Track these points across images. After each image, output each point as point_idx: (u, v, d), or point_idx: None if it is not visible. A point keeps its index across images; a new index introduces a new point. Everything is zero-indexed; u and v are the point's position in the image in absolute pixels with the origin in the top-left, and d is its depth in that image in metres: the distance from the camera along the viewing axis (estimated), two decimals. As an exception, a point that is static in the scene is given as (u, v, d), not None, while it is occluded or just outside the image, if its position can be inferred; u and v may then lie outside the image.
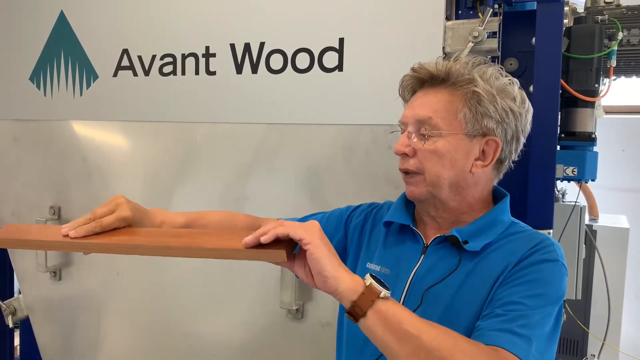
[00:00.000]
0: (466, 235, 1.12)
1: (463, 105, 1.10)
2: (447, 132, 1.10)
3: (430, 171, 1.11)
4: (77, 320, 2.35)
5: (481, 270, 1.09)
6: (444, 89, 1.12)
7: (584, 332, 2.46)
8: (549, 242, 1.10)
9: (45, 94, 2.25)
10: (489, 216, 1.16)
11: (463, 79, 1.10)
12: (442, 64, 1.13)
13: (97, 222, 1.16)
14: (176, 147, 2.05)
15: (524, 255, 1.06)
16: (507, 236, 1.13)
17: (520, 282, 1.03)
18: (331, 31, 1.72)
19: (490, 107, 1.09)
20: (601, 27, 1.79)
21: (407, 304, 1.13)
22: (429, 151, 1.11)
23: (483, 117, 1.10)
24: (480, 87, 1.09)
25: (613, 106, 3.97)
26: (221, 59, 1.89)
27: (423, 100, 1.14)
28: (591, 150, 1.87)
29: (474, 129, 1.10)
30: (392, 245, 1.23)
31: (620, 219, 2.93)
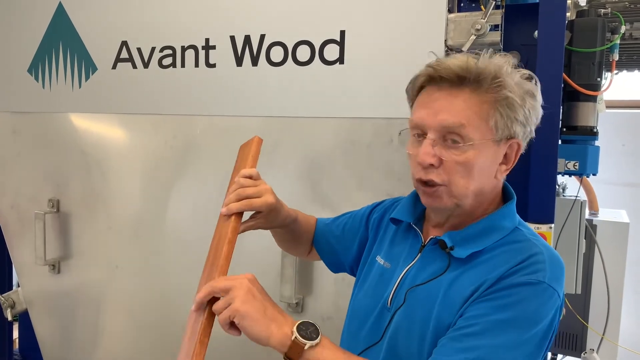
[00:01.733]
0: (456, 241, 1.07)
1: (495, 110, 1.00)
2: (479, 141, 1.01)
3: (458, 184, 1.03)
4: (76, 313, 2.34)
5: (465, 279, 1.03)
6: (472, 91, 1.01)
7: (583, 326, 2.46)
8: (539, 258, 1.00)
9: (43, 86, 2.24)
10: (485, 222, 1.09)
11: (495, 81, 1.00)
12: (469, 63, 1.01)
13: (248, 202, 1.19)
14: (176, 140, 2.04)
15: (504, 273, 0.99)
16: (504, 245, 1.06)
17: (488, 305, 0.97)
18: (332, 23, 1.71)
19: (520, 111, 1.02)
20: (604, 20, 1.78)
21: (394, 300, 1.12)
22: (458, 162, 1.01)
23: (513, 123, 1.02)
24: (513, 92, 1.00)
25: (613, 100, 3.96)
26: (221, 51, 1.88)
27: (447, 103, 1.02)
28: (593, 144, 1.86)
29: (502, 134, 1.02)
30: (399, 242, 1.23)
31: (620, 213, 2.92)
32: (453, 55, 1.06)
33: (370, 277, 1.24)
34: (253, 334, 0.96)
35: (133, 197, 2.16)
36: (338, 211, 1.80)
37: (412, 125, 1.07)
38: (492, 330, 0.95)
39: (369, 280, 1.24)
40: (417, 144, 1.06)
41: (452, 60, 1.03)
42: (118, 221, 2.19)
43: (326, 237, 1.44)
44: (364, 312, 1.19)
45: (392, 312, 1.12)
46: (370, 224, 1.36)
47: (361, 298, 1.23)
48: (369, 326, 1.16)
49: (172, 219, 2.08)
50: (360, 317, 1.20)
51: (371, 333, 1.15)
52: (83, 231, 2.28)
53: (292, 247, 1.49)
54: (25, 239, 2.37)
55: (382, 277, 1.19)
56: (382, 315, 1.14)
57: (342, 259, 1.41)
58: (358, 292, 1.26)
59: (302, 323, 0.97)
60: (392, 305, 1.12)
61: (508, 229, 1.08)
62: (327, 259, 1.46)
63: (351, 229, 1.39)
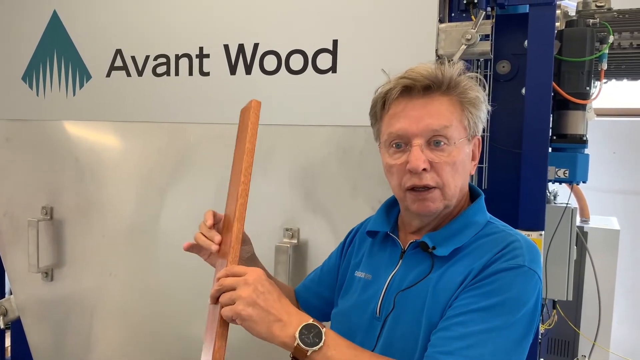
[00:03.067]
0: (436, 241, 1.11)
1: (465, 111, 1.09)
2: (459, 140, 1.08)
3: (450, 184, 1.08)
4: (69, 321, 2.33)
5: (450, 275, 1.07)
6: (444, 95, 1.09)
7: (574, 332, 2.48)
8: (517, 245, 1.05)
9: (37, 93, 2.24)
10: (461, 219, 1.14)
11: (462, 85, 1.09)
12: (436, 70, 1.09)
13: None
14: (170, 147, 2.05)
15: (487, 262, 1.03)
16: (481, 238, 1.11)
17: (474, 294, 1.01)
18: (325, 33, 1.73)
19: (483, 109, 1.12)
20: (592, 30, 1.81)
21: (383, 308, 1.14)
22: (447, 163, 1.07)
23: (477, 121, 1.12)
24: (475, 94, 1.10)
25: (604, 108, 4.00)
26: (215, 60, 1.89)
27: (426, 109, 1.07)
28: (582, 152, 1.88)
29: (472, 132, 1.11)
30: (376, 253, 1.25)
31: (611, 220, 2.95)
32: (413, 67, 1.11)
33: (351, 292, 1.25)
34: (255, 335, 1.00)
35: (127, 204, 2.16)
36: (331, 218, 1.81)
37: (393, 137, 1.10)
38: (482, 317, 0.98)
39: (352, 295, 1.25)
40: (399, 154, 1.09)
41: (420, 70, 1.08)
42: (112, 229, 2.19)
43: (308, 289, 1.45)
44: (351, 326, 1.19)
45: (383, 319, 1.13)
46: (344, 250, 1.39)
47: (346, 313, 1.23)
48: (359, 339, 1.15)
49: (166, 226, 2.08)
50: (349, 331, 1.18)
51: (362, 345, 1.12)
52: (76, 239, 2.27)
53: None
54: (18, 247, 2.37)
55: (365, 290, 1.21)
56: (372, 325, 1.15)
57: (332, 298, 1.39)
58: (342, 308, 1.27)
59: (305, 327, 0.98)
60: (382, 313, 1.14)
61: (481, 224, 1.14)
62: (319, 310, 1.41)
63: (330, 267, 1.42)
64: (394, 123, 1.10)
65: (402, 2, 1.64)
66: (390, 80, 1.12)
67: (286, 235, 1.85)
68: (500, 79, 1.81)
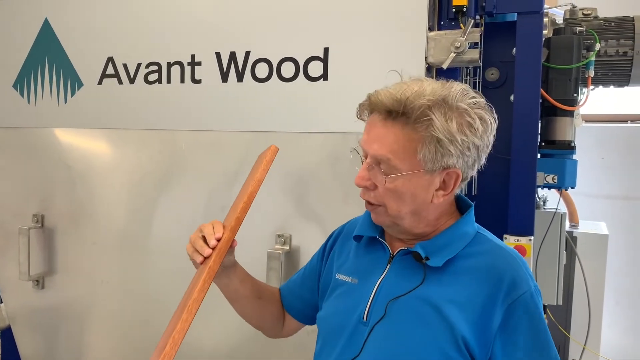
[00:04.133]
0: (429, 251, 1.12)
1: (422, 146, 1.03)
2: (407, 172, 1.05)
3: (391, 207, 1.09)
4: (60, 330, 2.32)
5: (449, 284, 1.09)
6: (401, 126, 1.04)
7: (565, 337, 2.49)
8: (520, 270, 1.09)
9: (29, 101, 2.24)
10: (453, 230, 1.14)
11: (421, 119, 1.02)
12: (400, 96, 1.03)
13: None
14: (161, 155, 2.05)
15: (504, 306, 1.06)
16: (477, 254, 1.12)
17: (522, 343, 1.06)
18: (316, 41, 1.74)
19: (450, 147, 1.03)
20: (579, 38, 1.84)
21: (371, 314, 1.14)
22: (388, 189, 1.07)
23: (443, 157, 1.04)
24: (439, 131, 1.01)
25: (593, 115, 4.04)
26: (207, 68, 1.90)
27: (380, 133, 1.06)
28: (571, 158, 1.90)
29: (434, 166, 1.05)
30: (361, 256, 1.25)
31: (600, 225, 2.98)
32: (394, 84, 1.08)
33: (335, 295, 1.25)
34: None
35: (118, 212, 2.16)
36: (324, 225, 1.82)
37: (360, 146, 1.13)
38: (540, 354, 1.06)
39: (337, 298, 1.24)
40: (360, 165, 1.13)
41: (387, 92, 1.05)
42: (103, 236, 2.19)
43: (292, 291, 1.44)
44: (336, 330, 1.19)
45: (370, 325, 1.13)
46: (326, 253, 1.38)
47: (331, 316, 1.24)
48: (343, 343, 1.16)
49: (157, 233, 2.08)
50: (334, 335, 1.19)
51: (347, 349, 1.15)
52: (68, 246, 2.27)
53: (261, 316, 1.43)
54: (9, 254, 2.35)
55: (350, 294, 1.20)
56: (358, 330, 1.15)
57: (315, 301, 1.39)
58: (326, 311, 1.27)
59: None
60: (370, 319, 1.14)
61: (472, 235, 1.15)
62: (302, 313, 1.42)
63: (311, 269, 1.41)
64: (363, 134, 1.12)
65: (392, 11, 1.66)
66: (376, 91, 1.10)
67: (278, 242, 1.85)
68: (489, 86, 1.83)
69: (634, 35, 1.93)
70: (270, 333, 1.47)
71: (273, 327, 1.45)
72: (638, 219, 3.81)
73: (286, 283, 1.48)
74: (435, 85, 1.06)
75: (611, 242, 2.76)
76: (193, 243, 1.21)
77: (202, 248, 1.18)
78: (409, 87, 1.05)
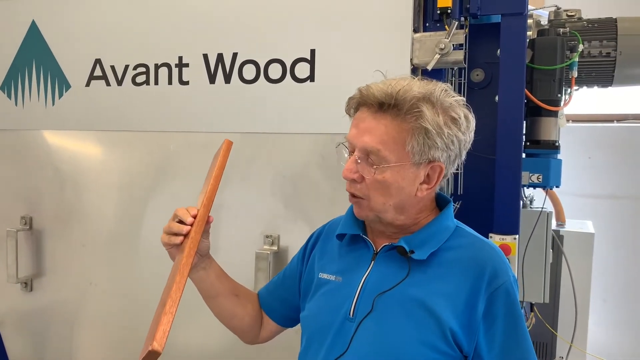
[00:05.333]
0: (413, 245, 1.15)
1: (411, 137, 1.07)
2: (395, 164, 1.09)
3: (377, 200, 1.12)
4: (49, 332, 2.32)
5: (433, 277, 1.13)
6: (392, 117, 1.08)
7: (552, 335, 2.52)
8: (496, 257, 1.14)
9: (16, 103, 2.23)
10: (434, 224, 1.18)
11: (412, 111, 1.07)
12: (391, 90, 1.08)
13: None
14: (150, 156, 2.05)
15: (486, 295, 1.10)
16: (457, 247, 1.17)
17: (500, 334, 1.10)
18: (303, 42, 1.76)
19: (437, 139, 1.08)
20: (563, 39, 1.86)
21: (358, 310, 1.16)
22: (377, 181, 1.10)
23: (430, 149, 1.09)
24: (428, 122, 1.06)
25: (580, 115, 4.08)
26: (194, 69, 1.91)
27: (370, 125, 1.10)
28: (555, 157, 1.93)
29: (421, 158, 1.10)
30: (345, 255, 1.27)
31: (586, 224, 3.01)
32: (382, 81, 1.13)
33: (319, 294, 1.26)
34: None
35: (107, 214, 2.16)
36: (312, 225, 1.82)
37: (347, 141, 1.16)
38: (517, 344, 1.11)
39: (321, 297, 1.25)
40: (348, 159, 1.15)
41: (378, 86, 1.10)
42: (92, 238, 2.18)
43: (271, 293, 1.44)
44: (322, 328, 1.20)
45: (357, 321, 1.14)
46: (306, 254, 1.39)
47: (316, 315, 1.24)
48: (330, 340, 1.17)
49: (146, 236, 2.08)
50: (320, 334, 1.21)
51: (334, 346, 1.16)
52: (56, 248, 2.26)
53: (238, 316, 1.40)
54: (-4, 257, 2.34)
55: (335, 292, 1.22)
56: (344, 326, 1.16)
57: (296, 302, 1.38)
58: (311, 311, 1.27)
59: None
60: (356, 315, 1.15)
61: (452, 229, 1.20)
62: (282, 315, 1.41)
63: (292, 271, 1.41)
64: (350, 129, 1.15)
65: (378, 13, 1.68)
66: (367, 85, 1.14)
67: (266, 242, 1.86)
68: (474, 87, 1.85)
69: (617, 37, 1.96)
70: (248, 336, 1.44)
71: (251, 329, 1.42)
72: (624, 218, 3.85)
73: (265, 287, 1.48)
74: (421, 83, 1.11)
75: (597, 240, 2.79)
76: (169, 228, 1.23)
77: (179, 228, 1.21)
78: (398, 82, 1.10)
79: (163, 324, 1.02)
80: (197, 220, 1.21)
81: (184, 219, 1.22)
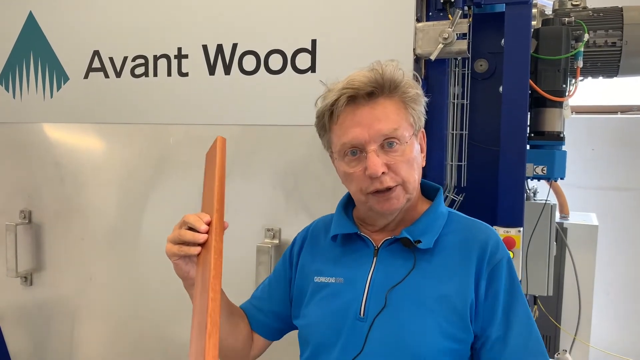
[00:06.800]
0: (416, 235, 1.15)
1: (409, 108, 1.14)
2: (409, 138, 1.13)
3: (409, 179, 1.13)
4: (49, 326, 2.31)
5: (440, 263, 1.14)
6: (387, 98, 1.12)
7: (555, 327, 2.51)
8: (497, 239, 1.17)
9: (14, 96, 2.21)
10: (431, 212, 1.21)
11: (402, 84, 1.12)
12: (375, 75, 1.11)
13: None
14: (150, 149, 2.03)
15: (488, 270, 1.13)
16: (455, 230, 1.19)
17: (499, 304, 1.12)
18: (303, 33, 1.73)
19: (421, 107, 1.17)
20: (568, 28, 1.83)
21: (369, 307, 1.13)
22: (403, 161, 1.11)
23: (420, 115, 1.17)
24: (417, 93, 1.15)
25: (583, 106, 4.05)
26: (193, 60, 1.88)
27: (374, 114, 1.11)
28: (560, 149, 1.90)
29: (417, 127, 1.17)
30: (342, 255, 1.23)
31: (590, 216, 2.99)
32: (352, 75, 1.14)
33: (318, 299, 1.21)
34: None
35: (107, 207, 2.14)
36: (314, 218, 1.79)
37: (348, 146, 1.13)
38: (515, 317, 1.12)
39: (321, 302, 1.20)
40: (357, 162, 1.13)
41: (360, 78, 1.11)
42: (92, 232, 2.17)
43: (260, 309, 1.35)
44: (330, 333, 1.16)
45: (370, 320, 1.11)
46: (293, 260, 1.34)
47: (320, 320, 1.19)
48: (341, 344, 1.13)
49: (147, 229, 2.07)
50: (328, 338, 1.16)
51: (346, 349, 1.12)
52: (56, 242, 2.25)
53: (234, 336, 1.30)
54: (-4, 251, 2.33)
55: (338, 294, 1.18)
56: (356, 327, 1.13)
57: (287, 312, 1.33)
58: (312, 318, 1.22)
59: None
60: (367, 313, 1.12)
61: (446, 214, 1.22)
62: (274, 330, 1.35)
63: (278, 280, 1.35)
64: (345, 133, 1.12)
65: (380, 2, 1.65)
66: (330, 90, 1.16)
67: (267, 236, 1.84)
68: (478, 77, 1.82)
69: (623, 26, 1.93)
70: (239, 357, 1.34)
71: (244, 348, 1.32)
72: (628, 210, 3.83)
73: (249, 302, 1.38)
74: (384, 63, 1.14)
75: (601, 233, 2.77)
76: (178, 236, 1.08)
77: (194, 237, 1.05)
78: (374, 68, 1.12)
79: (210, 349, 0.90)
80: (214, 227, 1.06)
81: (196, 226, 1.06)
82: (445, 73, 1.69)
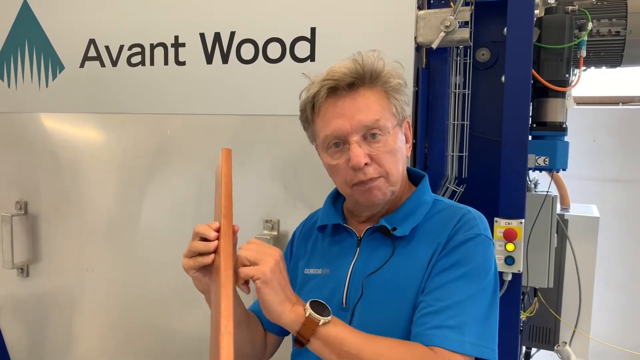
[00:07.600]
0: (395, 222, 1.15)
1: (391, 98, 1.13)
2: (392, 128, 1.12)
3: (392, 170, 1.12)
4: (46, 318, 2.29)
5: (414, 250, 1.13)
6: (369, 89, 1.11)
7: (555, 319, 2.49)
8: (470, 216, 1.14)
9: (9, 85, 2.18)
10: (413, 200, 1.20)
11: (383, 74, 1.12)
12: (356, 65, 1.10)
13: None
14: (147, 139, 2.01)
15: (448, 237, 1.11)
16: (434, 215, 1.18)
17: (444, 268, 1.08)
18: (303, 20, 1.70)
19: (404, 96, 1.16)
20: (571, 17, 1.81)
21: (349, 296, 1.14)
22: (385, 152, 1.11)
23: (403, 105, 1.16)
24: (398, 82, 1.13)
25: (584, 97, 4.03)
26: (191, 49, 1.85)
27: (355, 105, 1.10)
28: (562, 140, 1.88)
29: (401, 117, 1.15)
30: (328, 246, 1.25)
31: (591, 208, 2.97)
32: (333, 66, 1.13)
33: (307, 290, 1.22)
34: (268, 303, 0.99)
35: (104, 198, 2.12)
36: (312, 209, 1.78)
37: (331, 138, 1.12)
38: (455, 288, 1.05)
39: (309, 293, 1.20)
40: (340, 154, 1.12)
41: (341, 69, 1.10)
42: (89, 223, 2.15)
43: None
44: None
45: (351, 308, 1.13)
46: (292, 255, 1.36)
47: None
48: None
49: (144, 220, 2.05)
50: None
51: None
52: (53, 234, 2.23)
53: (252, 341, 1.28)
54: (-8, 243, 2.31)
55: (324, 284, 1.20)
56: (340, 317, 1.10)
57: None
58: None
59: (312, 302, 1.01)
60: (349, 302, 1.14)
61: (430, 202, 1.20)
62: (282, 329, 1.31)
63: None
64: (327, 125, 1.12)
65: (381, -11, 1.62)
66: (313, 82, 1.15)
67: (266, 227, 1.82)
68: (479, 67, 1.80)
69: (627, 15, 1.91)
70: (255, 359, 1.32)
71: (260, 350, 1.31)
72: (629, 202, 3.82)
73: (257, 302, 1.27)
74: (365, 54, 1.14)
75: (602, 224, 2.75)
76: (192, 249, 1.05)
77: (206, 246, 1.03)
78: (355, 59, 1.12)
79: (224, 348, 0.89)
80: (222, 231, 1.05)
81: (206, 234, 1.03)
82: (446, 62, 1.67)
